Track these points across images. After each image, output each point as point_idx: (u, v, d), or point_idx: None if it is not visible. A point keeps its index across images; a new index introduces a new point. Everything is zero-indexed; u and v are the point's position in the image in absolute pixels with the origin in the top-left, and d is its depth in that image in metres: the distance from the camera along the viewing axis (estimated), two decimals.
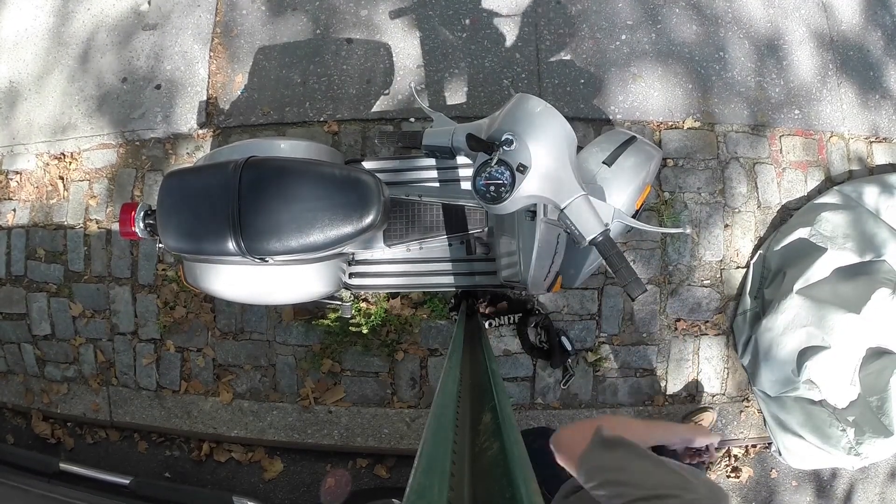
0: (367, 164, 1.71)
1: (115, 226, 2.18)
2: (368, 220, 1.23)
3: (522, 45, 2.25)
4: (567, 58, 2.24)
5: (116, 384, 2.23)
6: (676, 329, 2.15)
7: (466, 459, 0.84)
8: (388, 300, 2.11)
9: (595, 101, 2.21)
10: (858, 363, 1.87)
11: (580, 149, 1.37)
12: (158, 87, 2.27)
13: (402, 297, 2.11)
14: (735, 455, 2.20)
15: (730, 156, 2.20)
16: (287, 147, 1.45)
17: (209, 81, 2.27)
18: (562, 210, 1.01)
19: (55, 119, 2.31)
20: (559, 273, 1.42)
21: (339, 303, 1.75)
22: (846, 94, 2.29)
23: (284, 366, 2.15)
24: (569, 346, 2.06)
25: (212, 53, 2.29)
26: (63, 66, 2.34)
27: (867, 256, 1.92)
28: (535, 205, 1.10)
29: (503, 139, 0.98)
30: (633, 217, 1.28)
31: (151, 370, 2.20)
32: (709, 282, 2.16)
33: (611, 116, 2.20)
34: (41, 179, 2.32)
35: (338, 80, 2.24)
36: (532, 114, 1.01)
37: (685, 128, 2.21)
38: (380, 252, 1.67)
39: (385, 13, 2.28)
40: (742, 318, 2.12)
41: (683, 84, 2.24)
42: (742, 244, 2.18)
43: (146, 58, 2.30)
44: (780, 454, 2.10)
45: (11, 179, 2.34)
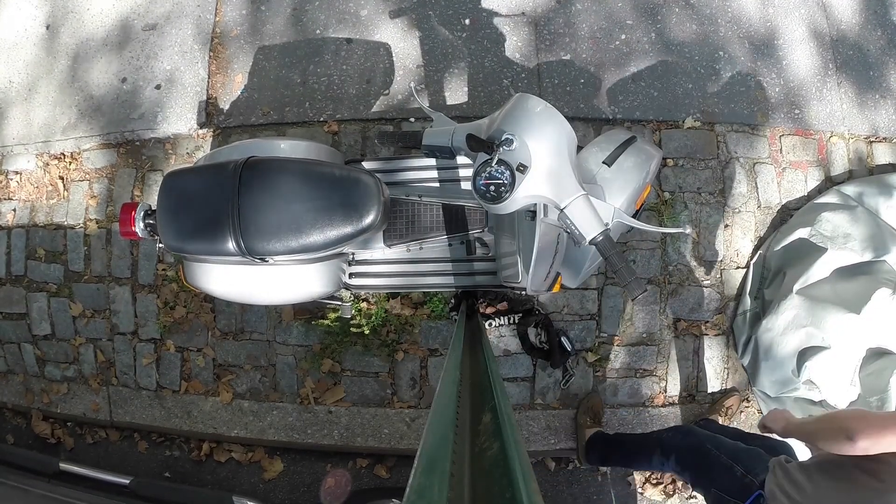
0: (367, 164, 1.71)
1: (115, 226, 2.18)
2: (368, 220, 1.23)
3: (522, 45, 2.25)
4: (567, 58, 2.24)
5: (116, 384, 2.23)
6: (676, 329, 2.15)
7: (466, 459, 0.84)
8: (388, 300, 2.11)
9: (595, 101, 2.21)
10: (858, 363, 1.86)
11: (580, 149, 1.37)
12: (158, 87, 2.27)
13: (402, 297, 2.11)
14: None
15: (730, 156, 2.20)
16: (287, 147, 1.45)
17: (209, 81, 2.27)
18: (562, 210, 1.01)
19: (55, 119, 2.31)
20: (559, 273, 1.42)
21: (339, 303, 1.75)
22: (846, 94, 2.29)
23: (284, 366, 2.15)
24: (569, 346, 2.06)
25: (212, 53, 2.29)
26: (63, 66, 2.34)
27: (867, 256, 1.92)
28: (535, 205, 1.10)
29: (503, 139, 0.98)
30: (633, 217, 1.28)
31: (151, 370, 2.20)
32: (709, 282, 2.16)
33: (611, 116, 2.20)
34: (41, 179, 2.32)
35: (338, 80, 2.24)
36: (532, 113, 1.01)
37: (685, 128, 2.21)
38: (380, 252, 1.66)
39: (385, 13, 2.28)
40: (742, 319, 2.12)
41: (683, 84, 2.24)
42: (742, 244, 2.18)
43: (146, 58, 2.30)
44: None
45: (11, 179, 2.34)
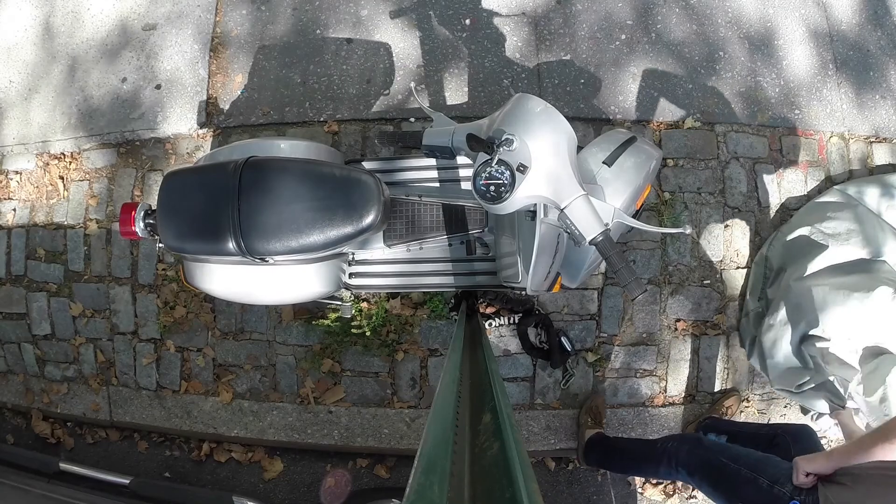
0: (367, 164, 1.71)
1: (115, 226, 2.18)
2: (368, 220, 1.23)
3: (522, 45, 2.25)
4: (567, 58, 2.24)
5: (116, 384, 2.23)
6: (676, 329, 2.15)
7: (466, 459, 0.84)
8: (388, 300, 2.11)
9: (595, 101, 2.21)
10: (857, 360, 1.86)
11: (580, 149, 1.37)
12: (158, 87, 2.27)
13: (402, 297, 2.11)
14: None
15: (730, 156, 2.20)
16: (287, 147, 1.44)
17: (209, 81, 2.27)
18: (562, 210, 1.01)
19: (55, 119, 2.31)
20: (559, 273, 1.42)
21: (339, 303, 1.75)
22: (846, 94, 2.29)
23: (284, 366, 2.15)
24: (569, 347, 2.06)
25: (212, 53, 2.29)
26: (63, 66, 2.34)
27: (868, 254, 1.92)
28: (535, 205, 1.10)
29: (503, 139, 0.98)
30: (633, 217, 1.28)
31: (151, 370, 2.20)
32: (709, 282, 2.16)
33: (611, 116, 2.20)
34: (41, 179, 2.32)
35: (338, 80, 2.24)
36: (532, 114, 1.01)
37: (685, 128, 2.21)
38: (380, 252, 1.66)
39: (385, 13, 2.28)
40: (747, 320, 2.11)
41: (683, 84, 2.24)
42: (742, 244, 2.18)
43: (146, 58, 2.30)
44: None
45: (11, 179, 2.34)
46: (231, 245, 1.20)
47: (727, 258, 2.18)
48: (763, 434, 1.77)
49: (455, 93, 2.22)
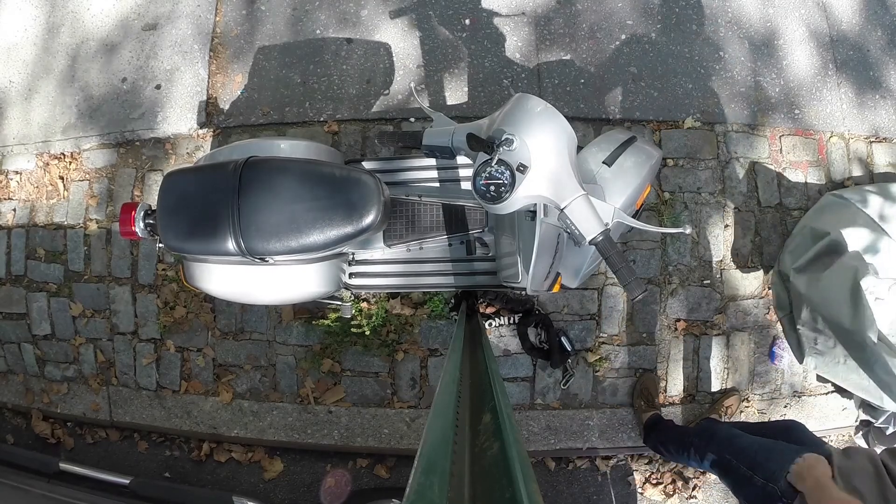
0: (367, 164, 1.71)
1: (115, 226, 2.19)
2: (368, 220, 1.23)
3: (522, 45, 2.25)
4: (567, 58, 2.24)
5: (116, 384, 2.23)
6: (676, 329, 2.15)
7: (466, 459, 0.84)
8: (388, 300, 2.11)
9: (595, 101, 2.21)
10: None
11: (580, 149, 1.37)
12: (158, 87, 2.27)
13: (402, 297, 2.11)
14: None
15: (730, 156, 2.20)
16: (287, 147, 1.45)
17: (209, 81, 2.27)
18: (562, 210, 1.01)
19: (55, 119, 2.31)
20: (559, 273, 1.42)
21: (339, 303, 1.75)
22: (846, 94, 2.29)
23: (284, 366, 2.15)
24: (569, 347, 2.06)
25: (212, 53, 2.29)
26: (63, 66, 2.34)
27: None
28: (535, 205, 1.10)
29: (503, 139, 0.98)
30: (633, 217, 1.28)
31: (151, 370, 2.20)
32: (709, 282, 2.16)
33: (611, 116, 2.20)
34: (41, 179, 2.32)
35: (338, 80, 2.24)
36: (532, 114, 1.01)
37: (685, 128, 2.21)
38: (380, 252, 1.67)
39: (385, 13, 2.28)
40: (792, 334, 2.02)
41: (683, 84, 2.24)
42: (742, 244, 2.18)
43: (146, 58, 2.30)
44: None
45: (11, 179, 2.34)
46: (231, 245, 1.20)
47: (727, 258, 2.18)
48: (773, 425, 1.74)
49: (455, 93, 2.22)
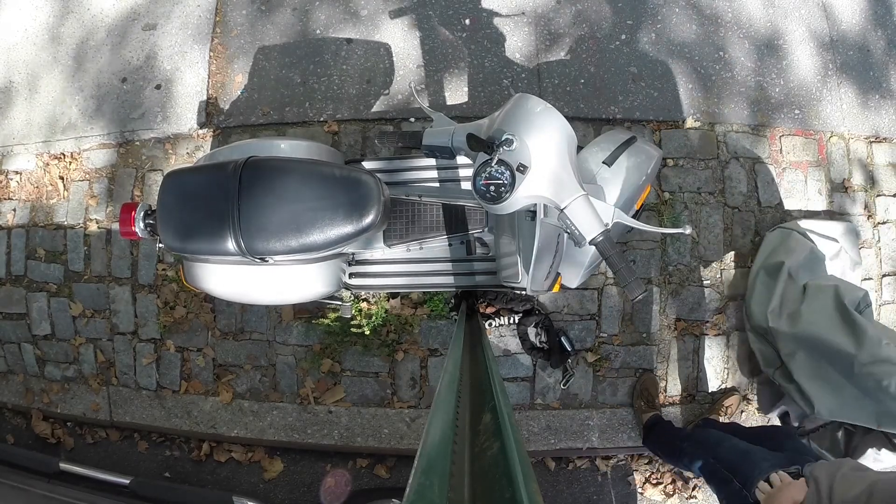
0: (367, 164, 1.71)
1: (115, 226, 2.18)
2: (368, 220, 1.23)
3: (522, 45, 2.25)
4: (567, 58, 2.24)
5: (116, 384, 2.23)
6: (676, 329, 2.15)
7: (466, 459, 0.84)
8: (388, 300, 2.11)
9: (595, 101, 2.21)
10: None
11: (580, 149, 1.37)
12: (158, 87, 2.27)
13: (402, 297, 2.11)
14: None
15: (730, 156, 2.20)
16: (287, 147, 1.45)
17: (209, 81, 2.27)
18: (562, 210, 1.01)
19: (55, 119, 2.31)
20: (559, 273, 1.42)
21: (339, 303, 1.75)
22: (846, 94, 2.29)
23: (284, 366, 2.15)
24: (569, 347, 2.06)
25: (212, 53, 2.29)
26: (63, 66, 2.34)
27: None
28: (535, 205, 1.10)
29: (503, 139, 0.98)
30: (633, 217, 1.28)
31: (151, 370, 2.20)
32: (709, 282, 2.16)
33: (611, 116, 2.20)
34: (41, 179, 2.32)
35: (338, 80, 2.24)
36: (532, 114, 1.01)
37: (685, 128, 2.21)
38: (380, 252, 1.67)
39: (385, 13, 2.28)
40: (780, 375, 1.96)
41: (683, 84, 2.24)
42: (742, 244, 2.18)
43: (146, 58, 2.30)
44: None
45: (11, 179, 2.34)
46: (231, 245, 1.20)
47: (727, 258, 2.18)
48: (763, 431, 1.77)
49: (455, 93, 2.22)
